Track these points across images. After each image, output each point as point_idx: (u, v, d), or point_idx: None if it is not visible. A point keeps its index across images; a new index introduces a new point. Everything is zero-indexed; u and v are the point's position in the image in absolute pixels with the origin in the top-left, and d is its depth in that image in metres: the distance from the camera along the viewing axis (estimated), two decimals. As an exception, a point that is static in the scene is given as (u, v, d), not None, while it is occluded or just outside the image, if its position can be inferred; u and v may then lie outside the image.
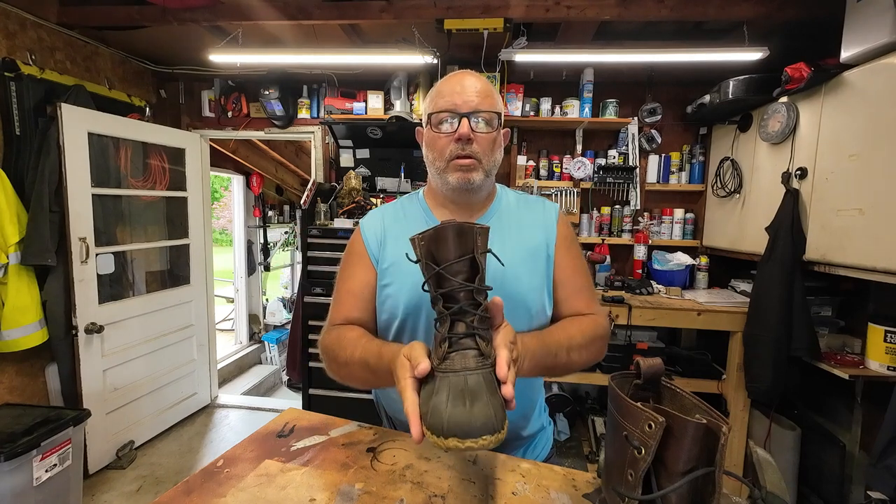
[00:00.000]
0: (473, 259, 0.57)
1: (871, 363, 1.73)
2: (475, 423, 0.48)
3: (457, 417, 0.48)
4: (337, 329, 0.83)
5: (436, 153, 0.83)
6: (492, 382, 0.52)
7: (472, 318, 0.56)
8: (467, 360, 0.53)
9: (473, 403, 0.49)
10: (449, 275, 0.57)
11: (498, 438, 0.49)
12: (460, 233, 0.57)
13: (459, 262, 0.57)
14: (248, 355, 4.11)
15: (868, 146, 1.59)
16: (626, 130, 2.65)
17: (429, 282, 0.59)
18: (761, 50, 2.04)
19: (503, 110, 0.85)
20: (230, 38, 2.30)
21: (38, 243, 2.01)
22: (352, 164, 2.88)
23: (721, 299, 2.25)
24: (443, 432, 0.48)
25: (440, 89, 0.82)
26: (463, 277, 0.57)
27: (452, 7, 2.02)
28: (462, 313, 0.56)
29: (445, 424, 0.48)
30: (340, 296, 0.89)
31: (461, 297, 0.57)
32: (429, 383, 0.55)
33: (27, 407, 1.94)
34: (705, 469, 0.47)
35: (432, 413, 0.50)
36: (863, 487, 1.78)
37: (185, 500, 0.62)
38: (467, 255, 0.57)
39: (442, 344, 0.56)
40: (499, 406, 0.51)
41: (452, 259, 0.57)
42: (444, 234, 0.57)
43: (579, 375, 2.28)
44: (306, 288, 2.42)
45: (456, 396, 0.50)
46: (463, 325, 0.56)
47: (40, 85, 2.14)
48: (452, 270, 0.57)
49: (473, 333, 0.55)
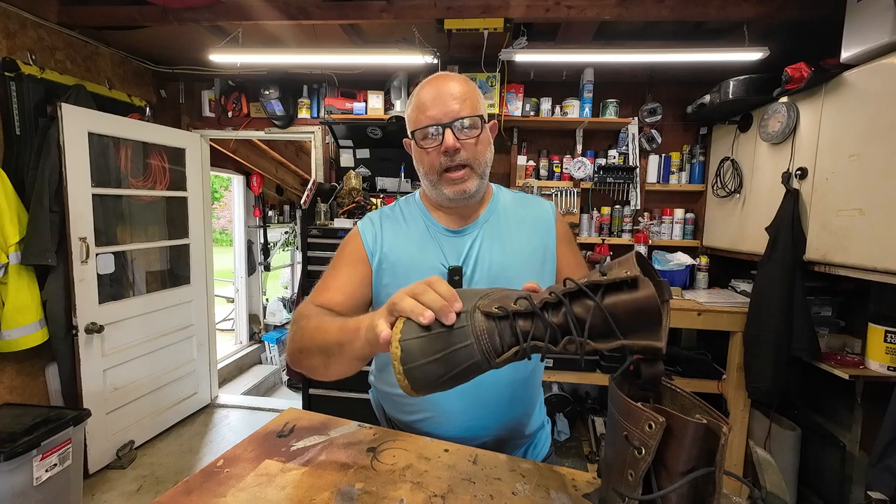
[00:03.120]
0: (623, 348, 0.47)
1: (871, 363, 1.73)
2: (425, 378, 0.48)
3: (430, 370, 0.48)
4: (313, 306, 0.81)
5: (426, 167, 0.83)
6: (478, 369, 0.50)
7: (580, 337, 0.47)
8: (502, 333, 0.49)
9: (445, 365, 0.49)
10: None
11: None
12: (654, 317, 0.46)
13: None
14: (248, 355, 4.11)
15: (868, 146, 1.59)
16: (627, 130, 2.65)
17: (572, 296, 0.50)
18: (761, 50, 2.04)
19: (485, 108, 0.85)
20: (230, 38, 2.30)
21: (39, 243, 2.01)
22: (352, 164, 2.88)
23: (721, 299, 2.25)
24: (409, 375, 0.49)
25: (419, 101, 0.81)
26: (593, 324, 0.47)
27: (452, 7, 2.02)
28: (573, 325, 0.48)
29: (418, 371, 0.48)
30: (327, 280, 0.88)
31: (568, 325, 0.49)
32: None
33: (27, 407, 1.94)
34: (705, 469, 0.47)
35: (412, 348, 0.49)
36: (863, 487, 1.78)
37: (185, 499, 0.62)
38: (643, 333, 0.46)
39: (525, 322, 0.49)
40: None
41: (619, 316, 0.47)
42: (654, 316, 0.46)
43: (579, 375, 2.28)
44: (306, 288, 2.42)
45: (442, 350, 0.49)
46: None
47: (40, 85, 2.15)
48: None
49: (541, 349, 0.48)
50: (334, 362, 0.67)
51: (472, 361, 0.49)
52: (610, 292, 0.47)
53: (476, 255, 0.86)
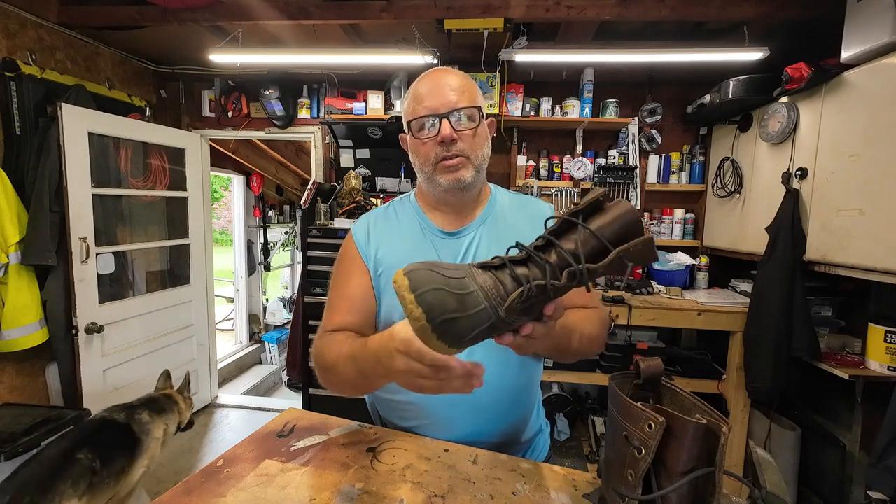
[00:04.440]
0: (621, 259, 0.49)
1: (871, 363, 1.73)
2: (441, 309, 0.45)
3: (437, 298, 0.46)
4: (328, 335, 0.81)
5: (421, 159, 0.81)
6: (489, 321, 0.48)
7: (552, 276, 0.49)
8: (501, 284, 0.48)
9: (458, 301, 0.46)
10: (589, 238, 0.49)
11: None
12: (637, 227, 0.50)
13: (604, 242, 0.49)
14: (248, 355, 4.11)
15: (868, 146, 1.59)
16: (627, 130, 2.65)
17: (557, 233, 0.52)
18: (761, 50, 2.04)
19: (483, 102, 0.83)
20: (230, 38, 2.30)
21: (39, 243, 2.01)
22: (352, 164, 2.88)
23: (721, 299, 2.25)
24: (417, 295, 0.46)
25: (415, 93, 0.80)
26: (587, 252, 0.49)
27: (452, 7, 2.01)
28: (551, 269, 0.49)
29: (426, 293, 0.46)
30: (333, 301, 0.86)
31: (565, 260, 0.50)
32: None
33: (27, 407, 1.94)
34: (705, 469, 0.47)
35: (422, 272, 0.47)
36: (863, 487, 1.78)
37: (185, 500, 0.62)
38: (615, 250, 0.49)
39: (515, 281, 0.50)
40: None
41: (606, 236, 0.49)
42: (633, 219, 0.50)
43: (579, 375, 2.28)
44: (306, 288, 2.42)
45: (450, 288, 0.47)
46: (539, 272, 0.49)
47: (41, 85, 2.15)
48: (590, 243, 0.49)
49: (545, 286, 0.48)
50: (371, 387, 0.78)
51: (481, 307, 0.47)
52: (589, 219, 0.51)
53: (473, 258, 0.84)
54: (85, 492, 1.28)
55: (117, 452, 1.44)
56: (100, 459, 1.35)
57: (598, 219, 0.51)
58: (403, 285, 0.47)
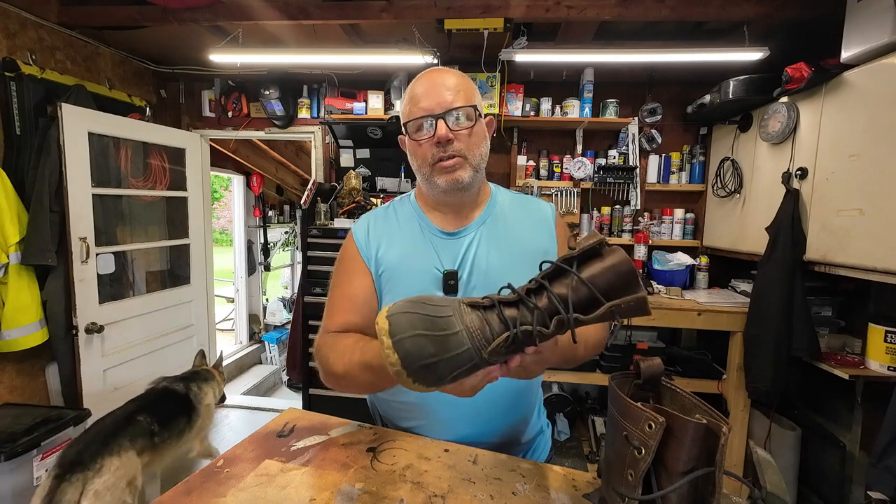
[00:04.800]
0: (612, 313, 0.49)
1: (871, 363, 1.73)
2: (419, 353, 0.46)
3: (417, 343, 0.47)
4: (332, 336, 0.80)
5: (419, 160, 0.81)
6: (469, 360, 0.48)
7: (537, 325, 0.49)
8: (489, 325, 0.49)
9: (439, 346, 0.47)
10: (580, 286, 0.49)
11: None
12: (631, 278, 0.49)
13: (593, 289, 0.49)
14: (248, 355, 4.11)
15: (868, 146, 1.59)
16: (627, 130, 2.65)
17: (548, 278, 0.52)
18: (761, 50, 2.04)
19: (480, 101, 0.82)
20: (230, 38, 2.30)
21: (39, 243, 2.01)
22: (352, 164, 2.88)
23: (721, 299, 2.25)
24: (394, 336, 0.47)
25: (412, 94, 0.80)
26: (578, 299, 0.49)
27: (452, 7, 2.01)
28: (539, 313, 0.49)
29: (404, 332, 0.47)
30: (335, 301, 0.86)
31: (555, 307, 0.50)
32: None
33: (27, 407, 1.94)
34: (705, 469, 0.47)
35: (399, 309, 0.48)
36: (863, 487, 1.78)
37: (185, 500, 0.62)
38: (607, 301, 0.49)
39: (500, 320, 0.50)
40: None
41: (599, 286, 0.49)
42: (628, 270, 0.49)
43: (579, 375, 2.28)
44: (306, 288, 2.42)
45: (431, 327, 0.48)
46: (529, 315, 0.50)
47: (41, 85, 2.14)
48: (581, 290, 0.49)
49: (531, 332, 0.49)
50: (386, 388, 0.79)
51: (463, 349, 0.48)
52: (583, 266, 0.50)
53: (472, 259, 0.83)
54: (144, 447, 1.56)
55: (176, 417, 1.77)
56: (158, 423, 1.64)
57: (593, 266, 0.50)
58: (383, 329, 0.48)
